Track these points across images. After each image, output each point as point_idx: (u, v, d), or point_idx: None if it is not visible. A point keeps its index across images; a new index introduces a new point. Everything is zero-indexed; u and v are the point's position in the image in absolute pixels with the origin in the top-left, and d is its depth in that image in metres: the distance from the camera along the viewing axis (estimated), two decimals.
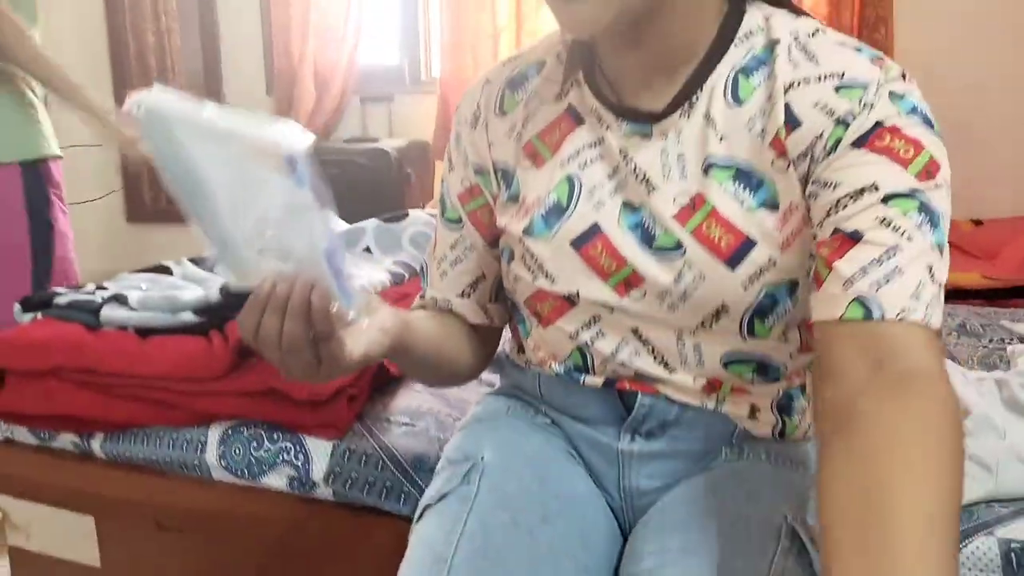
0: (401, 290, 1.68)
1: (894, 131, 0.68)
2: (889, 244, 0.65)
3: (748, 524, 0.76)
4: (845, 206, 0.68)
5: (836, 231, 0.68)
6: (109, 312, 1.37)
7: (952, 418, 0.58)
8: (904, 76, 0.72)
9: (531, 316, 0.89)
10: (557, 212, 0.82)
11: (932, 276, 0.66)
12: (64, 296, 1.46)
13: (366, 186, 3.35)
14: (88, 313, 1.39)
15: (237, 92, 3.80)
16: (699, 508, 0.80)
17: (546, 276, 0.83)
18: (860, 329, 0.64)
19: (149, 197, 4.14)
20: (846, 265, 0.66)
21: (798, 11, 0.79)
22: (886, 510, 0.51)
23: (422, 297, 0.98)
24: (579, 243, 0.80)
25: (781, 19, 0.77)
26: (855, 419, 0.58)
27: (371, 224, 2.01)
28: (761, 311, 0.78)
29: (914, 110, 0.70)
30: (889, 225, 0.65)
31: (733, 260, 0.75)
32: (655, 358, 0.83)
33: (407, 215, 2.05)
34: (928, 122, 0.70)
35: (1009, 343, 1.59)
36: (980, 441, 1.05)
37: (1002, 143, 2.90)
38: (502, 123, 0.87)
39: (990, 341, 1.63)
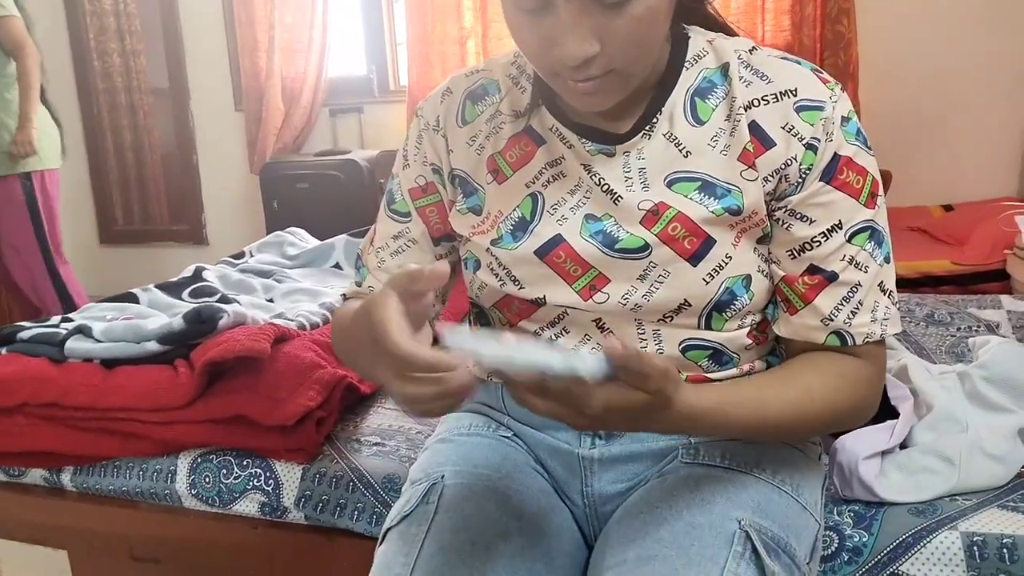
0: None
1: (848, 163, 0.80)
2: (854, 281, 0.80)
3: (701, 532, 0.77)
4: (819, 243, 0.80)
5: (813, 269, 0.81)
6: (74, 344, 1.37)
7: (867, 390, 0.83)
8: (842, 88, 0.81)
9: (496, 319, 0.90)
10: (522, 226, 0.85)
11: (885, 291, 0.82)
12: (28, 330, 1.45)
13: (338, 198, 3.35)
14: (52, 346, 1.38)
15: (205, 110, 3.78)
16: (654, 518, 0.81)
17: (514, 282, 0.86)
18: (835, 352, 0.82)
19: (121, 219, 4.12)
20: (823, 302, 0.81)
21: (730, 31, 0.88)
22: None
23: (358, 285, 0.96)
24: (542, 252, 0.83)
25: (721, 42, 0.84)
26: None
27: (340, 240, 2.01)
28: (720, 306, 0.82)
29: (857, 133, 0.81)
30: (852, 262, 0.80)
31: (695, 258, 0.80)
32: None
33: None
34: (864, 141, 0.81)
35: (976, 330, 1.61)
36: (943, 436, 1.06)
37: (969, 128, 2.92)
38: (463, 132, 0.89)
39: (958, 330, 1.64)
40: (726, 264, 0.81)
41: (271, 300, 1.71)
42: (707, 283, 0.81)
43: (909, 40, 2.90)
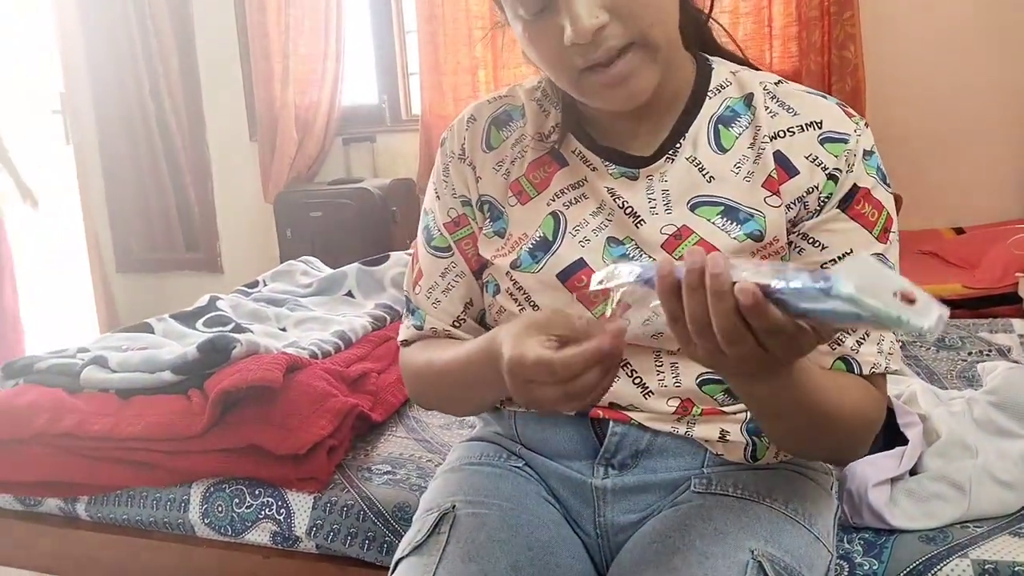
0: (382, 333, 1.69)
1: (866, 195, 0.81)
2: None
3: (715, 561, 0.77)
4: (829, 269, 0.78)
5: None
6: (90, 375, 1.39)
7: (868, 422, 0.82)
8: (866, 124, 0.83)
9: None
10: (543, 247, 0.86)
11: None
12: (45, 361, 1.47)
13: (352, 227, 3.38)
14: (69, 377, 1.40)
15: (221, 140, 3.83)
16: (667, 547, 0.81)
17: (533, 307, 0.86)
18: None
19: (137, 248, 4.17)
20: None
21: (754, 66, 0.90)
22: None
23: (418, 329, 0.96)
24: (564, 276, 0.84)
25: (745, 74, 0.86)
26: None
27: (352, 269, 2.03)
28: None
29: (878, 169, 0.82)
30: None
31: None
32: (633, 380, 0.85)
33: (388, 257, 2.07)
34: (884, 178, 0.83)
35: (988, 355, 1.60)
36: (953, 462, 1.05)
37: (978, 150, 2.92)
38: (489, 158, 0.91)
39: (969, 354, 1.64)
40: None
41: (284, 329, 1.73)
42: None
43: (916, 63, 2.91)
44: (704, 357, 0.65)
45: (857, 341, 0.81)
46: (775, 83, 0.85)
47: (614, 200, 0.85)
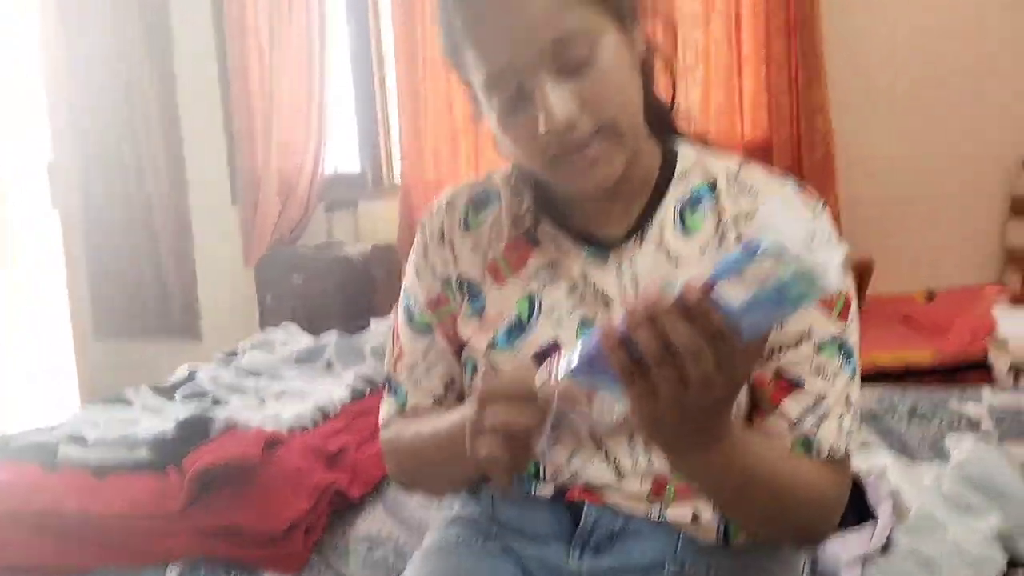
0: (361, 405, 1.70)
1: None
2: (820, 391, 0.82)
3: None
4: (788, 349, 0.83)
5: (780, 374, 0.83)
6: (66, 452, 1.38)
7: (827, 501, 0.83)
8: (823, 208, 0.87)
9: None
10: (518, 328, 0.88)
11: (850, 405, 0.84)
12: (18, 439, 1.47)
13: (334, 292, 3.39)
14: (45, 454, 1.39)
15: (203, 203, 3.86)
16: None
17: None
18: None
19: (117, 312, 4.15)
20: (790, 407, 0.82)
21: (717, 150, 0.93)
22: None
23: (401, 407, 0.97)
24: (540, 357, 0.84)
25: (709, 159, 0.90)
26: None
27: (332, 337, 2.04)
28: None
29: None
30: (820, 372, 0.83)
31: None
32: (608, 462, 0.86)
33: (368, 326, 2.09)
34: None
35: (957, 426, 1.63)
36: (923, 539, 1.07)
37: (948, 215, 2.98)
38: (467, 239, 0.93)
39: (940, 423, 1.66)
40: None
41: (263, 401, 1.73)
42: None
43: (885, 131, 2.99)
44: (657, 408, 0.63)
45: (817, 421, 0.82)
46: (737, 166, 0.89)
47: (585, 282, 0.88)
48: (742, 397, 0.85)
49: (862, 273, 2.93)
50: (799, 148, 2.96)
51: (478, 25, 0.77)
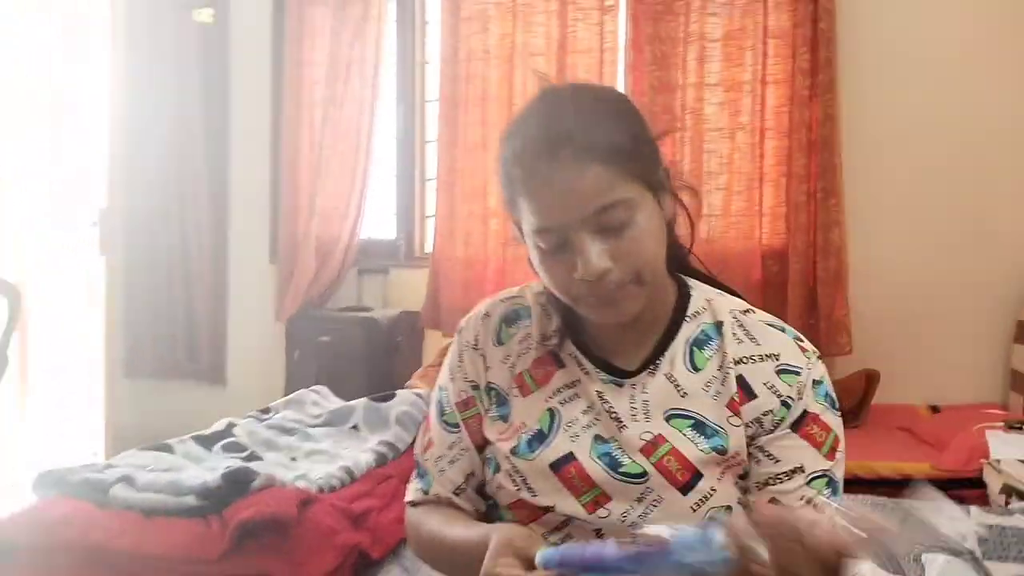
0: (384, 471, 1.82)
1: (815, 419, 0.94)
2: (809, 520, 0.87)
3: None
4: (781, 481, 0.93)
5: (775, 502, 0.91)
6: (117, 492, 1.51)
7: None
8: (818, 356, 0.97)
9: (509, 519, 1.01)
10: (539, 439, 0.97)
11: None
12: (75, 474, 1.60)
13: (358, 354, 3.53)
14: (99, 492, 1.52)
15: (242, 260, 4.03)
16: None
17: (528, 490, 0.97)
18: None
19: (147, 352, 4.29)
20: None
21: (730, 291, 1.04)
22: None
23: (424, 493, 1.07)
24: (556, 467, 0.95)
25: (719, 301, 1.00)
26: None
27: (361, 403, 2.17)
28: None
29: (826, 396, 0.96)
30: (809, 503, 0.90)
31: (685, 488, 0.92)
32: None
33: (395, 395, 2.21)
34: (833, 404, 0.96)
35: (942, 543, 1.71)
36: None
37: (955, 333, 3.08)
38: (498, 351, 1.03)
39: (926, 552, 1.75)
40: (711, 496, 0.93)
41: (295, 459, 1.86)
42: (694, 511, 0.92)
43: (897, 248, 3.10)
44: None
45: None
46: (743, 311, 0.99)
47: (602, 403, 0.97)
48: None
49: (868, 382, 3.02)
50: (814, 256, 3.08)
51: (535, 184, 0.88)
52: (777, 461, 0.93)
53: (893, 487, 2.29)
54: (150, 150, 4.03)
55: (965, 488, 2.31)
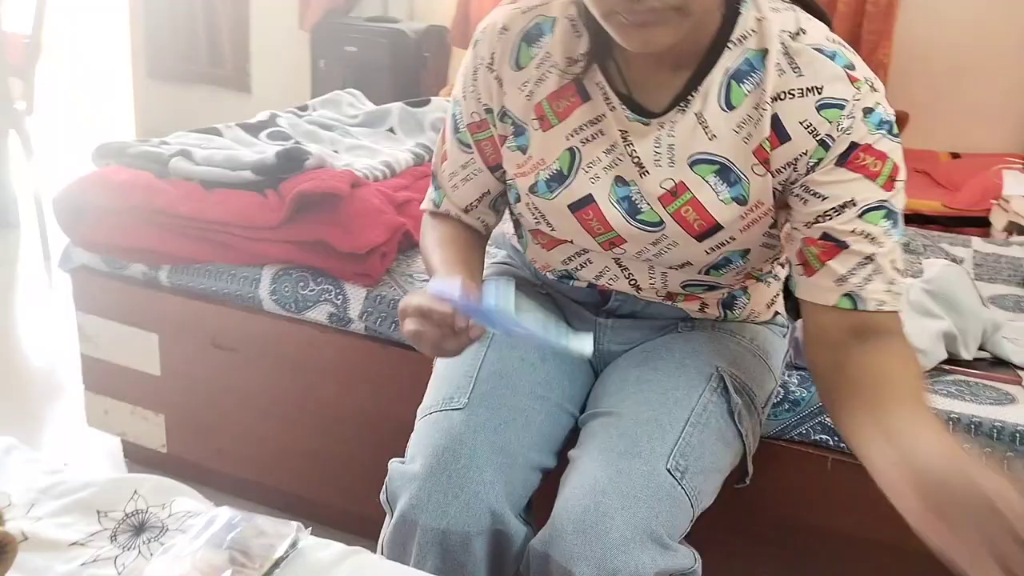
0: (421, 169, 1.91)
1: (866, 149, 0.85)
2: (867, 253, 0.86)
3: (688, 369, 1.03)
4: (831, 216, 0.86)
5: (826, 236, 0.87)
6: (177, 164, 1.60)
7: (911, 353, 0.88)
8: (872, 85, 0.86)
9: (530, 240, 1.09)
10: (559, 179, 0.95)
11: (897, 269, 0.88)
12: (133, 147, 1.68)
13: (384, 66, 3.51)
14: (158, 164, 1.61)
15: None
16: (654, 356, 1.06)
17: (548, 225, 1.00)
18: (848, 315, 0.87)
19: (169, 57, 4.25)
20: (837, 266, 0.87)
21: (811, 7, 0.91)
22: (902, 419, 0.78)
23: (436, 206, 1.08)
24: (575, 208, 0.96)
25: (772, 20, 0.88)
26: (859, 374, 0.85)
27: (396, 107, 2.21)
28: (717, 266, 0.98)
29: (880, 124, 0.85)
30: (866, 236, 0.86)
31: (701, 237, 0.94)
32: (629, 282, 1.06)
33: (429, 101, 2.25)
34: (891, 130, 0.86)
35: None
36: None
37: (989, 82, 3.05)
38: (516, 76, 0.96)
39: (926, 259, 1.88)
40: (728, 243, 0.94)
41: (336, 152, 1.93)
42: (708, 253, 0.95)
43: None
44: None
45: (865, 278, 0.85)
46: (794, 33, 0.87)
47: (625, 144, 0.92)
48: (755, 261, 0.97)
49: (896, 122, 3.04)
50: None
51: None
52: (824, 198, 0.87)
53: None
54: None
55: (972, 226, 2.42)
